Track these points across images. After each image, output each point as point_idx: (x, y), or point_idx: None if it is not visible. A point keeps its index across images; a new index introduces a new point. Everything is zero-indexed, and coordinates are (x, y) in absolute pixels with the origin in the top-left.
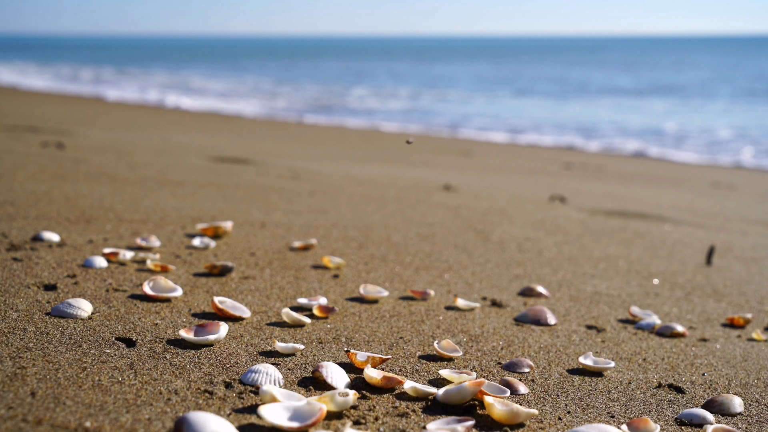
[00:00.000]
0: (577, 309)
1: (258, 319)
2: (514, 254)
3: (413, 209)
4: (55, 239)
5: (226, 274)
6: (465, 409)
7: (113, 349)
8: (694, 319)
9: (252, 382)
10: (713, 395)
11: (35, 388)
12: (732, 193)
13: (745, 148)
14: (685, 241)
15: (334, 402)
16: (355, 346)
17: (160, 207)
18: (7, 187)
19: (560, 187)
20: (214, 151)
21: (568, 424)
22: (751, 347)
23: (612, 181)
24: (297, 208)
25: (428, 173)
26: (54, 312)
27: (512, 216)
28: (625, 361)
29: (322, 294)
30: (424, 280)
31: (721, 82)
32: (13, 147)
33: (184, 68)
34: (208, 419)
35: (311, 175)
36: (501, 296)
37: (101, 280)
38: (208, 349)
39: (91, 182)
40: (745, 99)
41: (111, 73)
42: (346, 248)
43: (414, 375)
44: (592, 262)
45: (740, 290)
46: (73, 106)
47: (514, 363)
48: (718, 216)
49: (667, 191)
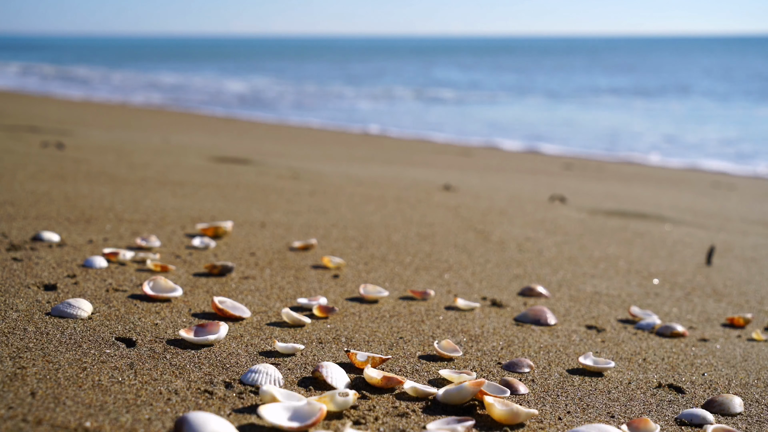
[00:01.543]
0: (577, 309)
1: (258, 319)
2: (514, 254)
3: (413, 209)
4: (55, 239)
5: (226, 274)
6: (465, 409)
7: (113, 349)
8: (694, 319)
9: (252, 382)
10: (713, 395)
11: (35, 388)
12: (732, 193)
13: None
14: (685, 241)
15: (334, 402)
16: (355, 346)
17: (160, 207)
18: (7, 187)
19: (560, 187)
20: (214, 151)
21: (568, 424)
22: (751, 347)
23: (612, 181)
24: (297, 208)
25: (428, 173)
26: (54, 312)
27: (512, 216)
28: (625, 361)
29: (322, 294)
30: (424, 280)
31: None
32: (13, 147)
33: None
34: (208, 419)
35: (311, 175)
36: (501, 296)
37: (101, 280)
38: (208, 349)
39: (91, 182)
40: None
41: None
42: (346, 248)
43: (414, 375)
44: (592, 262)
45: (740, 290)
46: (73, 106)
47: (514, 363)
48: (718, 216)
49: (667, 191)
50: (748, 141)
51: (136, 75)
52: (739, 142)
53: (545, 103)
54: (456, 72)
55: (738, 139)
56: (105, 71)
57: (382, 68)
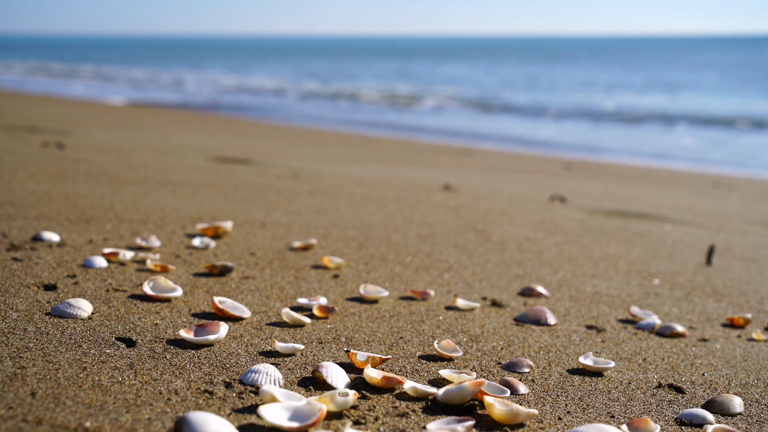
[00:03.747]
0: (577, 309)
1: (258, 319)
2: (514, 254)
3: (413, 209)
4: (55, 239)
5: (226, 274)
6: (465, 409)
7: (113, 349)
8: (694, 319)
9: (252, 382)
10: (713, 395)
11: (35, 388)
12: (732, 193)
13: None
14: (685, 241)
15: (334, 402)
16: (355, 346)
17: (160, 207)
18: (7, 187)
19: (560, 187)
20: (214, 151)
21: (568, 424)
22: (751, 347)
23: (612, 181)
24: (297, 208)
25: (428, 173)
26: (54, 312)
27: (512, 216)
28: (625, 361)
29: (322, 294)
30: (424, 280)
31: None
32: (13, 147)
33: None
34: (208, 419)
35: (311, 175)
36: (501, 296)
37: (101, 280)
38: (208, 349)
39: (91, 182)
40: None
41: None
42: (346, 248)
43: (414, 375)
44: (592, 262)
45: (740, 290)
46: (73, 106)
47: (514, 363)
48: (718, 216)
49: (667, 191)
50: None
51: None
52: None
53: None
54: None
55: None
56: (155, 71)
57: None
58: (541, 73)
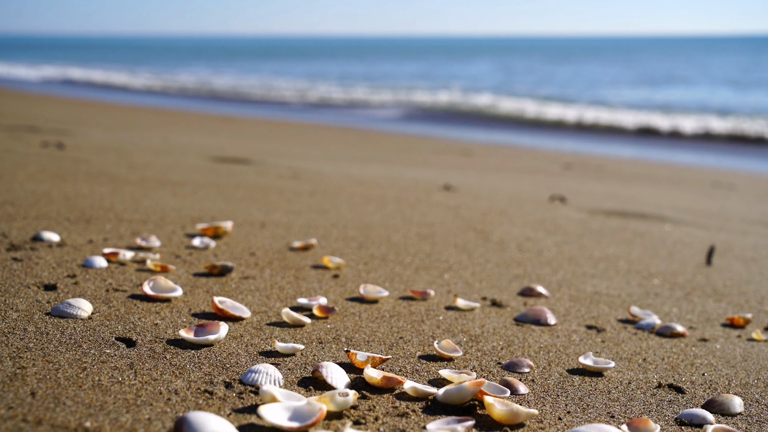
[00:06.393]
0: (577, 309)
1: (258, 319)
2: (514, 254)
3: (413, 209)
4: (55, 239)
5: (226, 274)
6: (465, 409)
7: (113, 349)
8: (694, 319)
9: (252, 382)
10: (713, 395)
11: (35, 388)
12: (732, 193)
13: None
14: (685, 241)
15: (334, 402)
16: (355, 346)
17: (160, 207)
18: (7, 187)
19: (560, 187)
20: (214, 151)
21: (568, 424)
22: (751, 347)
23: (612, 181)
24: (297, 208)
25: (428, 173)
26: (54, 312)
27: (512, 216)
28: (625, 361)
29: (322, 294)
30: (424, 280)
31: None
32: (13, 147)
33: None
34: (208, 419)
35: (311, 175)
36: (501, 296)
37: (101, 280)
38: (208, 349)
39: (91, 182)
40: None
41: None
42: (346, 248)
43: (414, 375)
44: (592, 262)
45: (740, 290)
46: (73, 106)
47: (514, 363)
48: (718, 216)
49: (667, 191)
50: None
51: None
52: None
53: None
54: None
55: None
56: (208, 74)
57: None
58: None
